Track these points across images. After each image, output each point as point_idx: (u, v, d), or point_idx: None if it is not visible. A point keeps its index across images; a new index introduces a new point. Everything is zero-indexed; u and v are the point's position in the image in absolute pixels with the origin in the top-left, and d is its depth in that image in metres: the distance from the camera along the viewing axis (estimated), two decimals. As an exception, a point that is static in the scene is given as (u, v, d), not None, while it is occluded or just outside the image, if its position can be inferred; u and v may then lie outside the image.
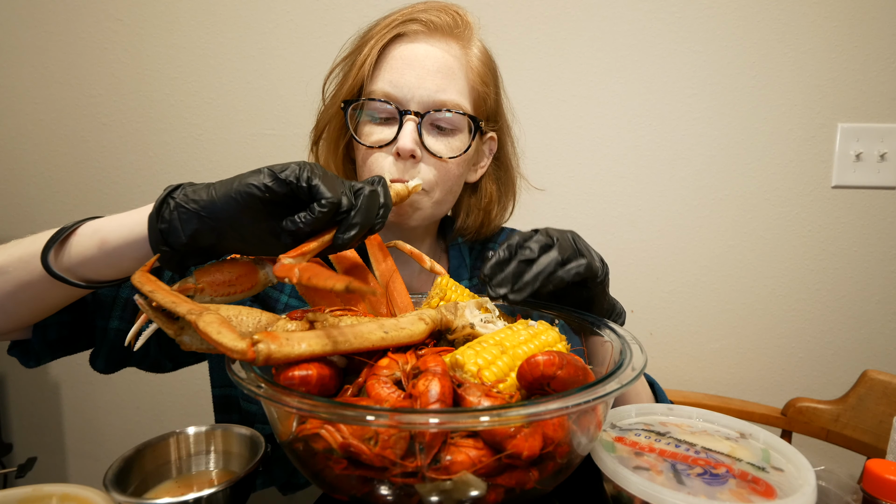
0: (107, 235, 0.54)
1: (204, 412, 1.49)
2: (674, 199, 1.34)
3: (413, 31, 0.72)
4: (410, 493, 0.42)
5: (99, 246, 0.54)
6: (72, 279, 0.54)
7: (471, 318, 0.56)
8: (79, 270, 0.55)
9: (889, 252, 1.31)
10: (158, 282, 0.47)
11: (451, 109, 0.71)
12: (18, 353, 0.66)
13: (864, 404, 1.01)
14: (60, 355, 0.68)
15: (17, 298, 0.56)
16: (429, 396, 0.41)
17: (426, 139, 0.71)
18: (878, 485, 0.50)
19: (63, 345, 0.67)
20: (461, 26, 0.74)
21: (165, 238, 0.49)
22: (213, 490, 0.48)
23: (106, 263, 0.54)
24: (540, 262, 0.56)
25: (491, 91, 0.78)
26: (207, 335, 0.40)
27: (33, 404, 1.52)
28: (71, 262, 0.54)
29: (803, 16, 1.24)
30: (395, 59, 0.71)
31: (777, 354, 1.38)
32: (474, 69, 0.75)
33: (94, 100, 1.36)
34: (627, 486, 0.48)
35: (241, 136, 1.37)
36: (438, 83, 0.71)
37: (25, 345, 0.65)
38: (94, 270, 0.55)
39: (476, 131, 0.75)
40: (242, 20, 1.32)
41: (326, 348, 0.43)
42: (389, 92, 0.71)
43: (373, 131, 0.72)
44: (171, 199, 0.49)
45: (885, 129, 1.26)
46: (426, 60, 0.71)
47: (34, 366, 0.67)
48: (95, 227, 0.55)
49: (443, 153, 0.72)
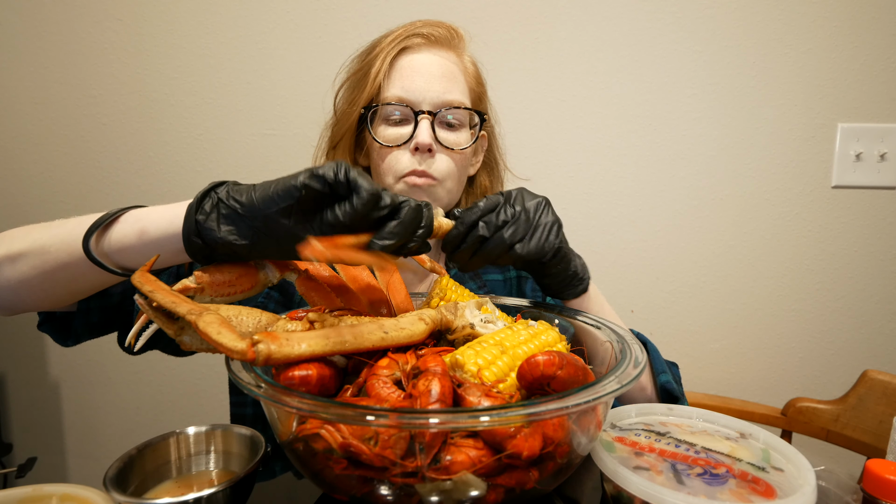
0: (147, 225, 0.55)
1: (204, 412, 1.49)
2: (674, 199, 1.34)
3: (416, 43, 0.82)
4: (410, 493, 0.42)
5: (139, 235, 0.55)
6: (109, 265, 0.56)
7: (471, 319, 0.56)
8: (116, 257, 0.57)
9: (889, 252, 1.31)
10: (158, 282, 0.47)
11: (458, 107, 0.80)
12: (51, 331, 0.69)
13: (864, 404, 1.01)
14: (97, 336, 0.71)
15: (56, 278, 0.59)
16: (429, 396, 0.41)
17: (439, 134, 0.80)
18: (878, 485, 0.50)
19: (103, 326, 0.70)
20: (456, 38, 0.86)
21: (199, 230, 0.51)
22: (213, 490, 0.48)
23: (143, 253, 0.56)
24: (493, 240, 0.60)
25: (483, 91, 0.89)
26: (207, 335, 0.40)
27: (33, 404, 1.52)
28: (111, 248, 0.56)
29: (803, 16, 1.24)
30: (404, 68, 0.80)
31: (777, 354, 1.38)
32: (470, 73, 0.86)
33: (94, 100, 1.36)
34: (627, 486, 0.48)
35: (241, 136, 1.37)
36: (444, 86, 0.80)
37: (58, 322, 0.69)
38: (131, 259, 0.57)
39: (480, 123, 0.84)
40: (242, 20, 1.32)
41: (326, 349, 0.43)
42: (403, 96, 0.79)
43: (390, 131, 0.80)
44: (214, 192, 0.51)
45: (885, 129, 1.26)
46: (431, 67, 0.80)
47: (72, 345, 0.70)
48: (137, 217, 0.56)
49: (454, 145, 0.81)
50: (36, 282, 0.59)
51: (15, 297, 0.61)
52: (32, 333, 1.45)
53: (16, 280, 0.59)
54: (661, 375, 0.74)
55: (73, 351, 1.47)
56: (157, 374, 1.48)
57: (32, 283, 0.59)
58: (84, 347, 1.45)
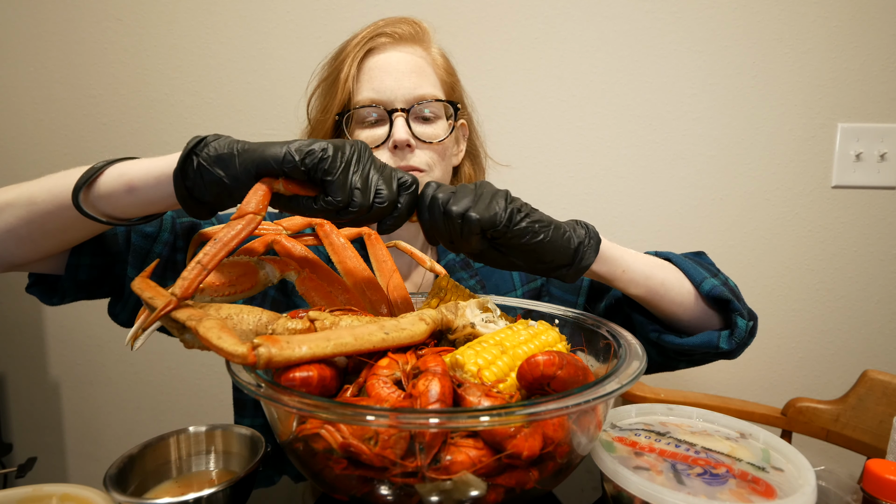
0: (133, 178, 0.56)
1: (204, 412, 1.49)
2: (674, 199, 1.34)
3: (382, 43, 0.82)
4: (410, 493, 0.42)
5: (125, 187, 0.56)
6: (97, 215, 0.57)
7: (471, 318, 0.56)
8: (103, 206, 0.58)
9: (889, 252, 1.31)
10: (158, 288, 0.47)
11: (430, 99, 0.81)
12: (39, 292, 0.69)
13: (864, 404, 1.01)
14: (83, 297, 0.71)
15: (45, 228, 0.60)
16: (429, 396, 0.41)
17: (415, 129, 0.80)
18: (878, 485, 0.50)
19: (90, 286, 0.70)
20: (421, 32, 0.85)
21: (191, 193, 0.52)
22: (213, 490, 0.48)
23: (130, 203, 0.57)
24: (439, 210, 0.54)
25: (455, 81, 0.89)
26: (208, 340, 0.40)
27: (33, 404, 1.51)
28: (97, 199, 0.57)
29: (803, 16, 1.24)
30: (372, 69, 0.81)
31: (777, 354, 1.37)
32: (439, 65, 0.86)
33: (94, 100, 1.36)
34: (627, 486, 0.48)
35: (241, 136, 1.33)
36: (414, 81, 0.80)
37: (47, 283, 0.69)
38: (118, 209, 0.58)
39: (455, 113, 0.84)
40: (242, 20, 1.32)
41: (328, 350, 0.43)
42: (375, 97, 0.79)
43: (366, 134, 0.80)
44: (194, 155, 0.51)
45: (885, 129, 1.26)
46: (399, 65, 0.81)
47: (57, 303, 0.70)
48: (121, 171, 0.57)
49: (432, 138, 0.81)
50: (24, 231, 0.60)
51: (2, 248, 0.61)
52: (32, 333, 1.45)
53: (2, 230, 0.60)
54: (703, 284, 0.67)
55: (73, 351, 1.47)
56: (157, 374, 1.48)
57: (20, 232, 0.60)
58: (84, 347, 1.46)
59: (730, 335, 0.67)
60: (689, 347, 0.68)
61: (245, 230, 0.47)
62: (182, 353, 1.42)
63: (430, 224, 0.53)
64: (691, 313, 0.69)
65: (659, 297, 0.67)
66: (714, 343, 0.67)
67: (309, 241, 0.64)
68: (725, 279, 0.71)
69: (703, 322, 0.70)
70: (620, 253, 0.65)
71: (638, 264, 0.66)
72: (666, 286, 0.67)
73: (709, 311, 0.69)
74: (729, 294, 0.66)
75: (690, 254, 0.77)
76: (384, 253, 0.67)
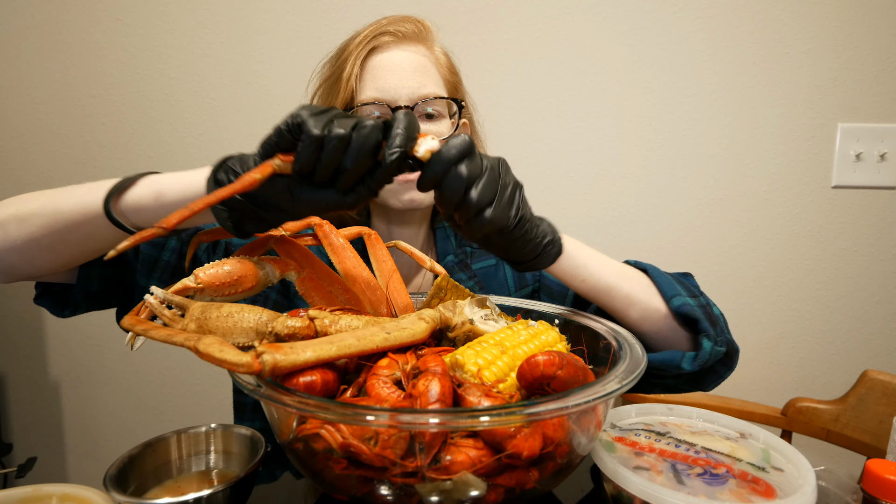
0: (163, 189, 0.56)
1: (204, 412, 1.49)
2: (674, 200, 1.34)
3: (385, 42, 0.81)
4: (410, 493, 0.42)
5: (155, 198, 0.56)
6: (126, 225, 0.57)
7: (470, 315, 0.56)
8: (132, 217, 0.57)
9: (889, 252, 1.31)
10: (149, 322, 0.47)
11: (435, 97, 0.80)
12: (49, 303, 0.69)
13: (864, 404, 1.01)
14: (94, 308, 0.71)
15: (67, 238, 0.59)
16: (429, 396, 0.41)
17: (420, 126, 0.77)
18: (878, 485, 0.50)
19: (101, 297, 0.70)
20: (424, 31, 0.84)
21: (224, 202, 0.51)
22: (213, 490, 0.48)
23: (160, 214, 0.56)
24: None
25: (458, 80, 0.89)
26: (210, 356, 0.40)
27: (33, 404, 1.51)
28: (127, 208, 0.57)
29: (803, 16, 1.24)
30: (375, 68, 0.79)
31: (777, 354, 1.38)
32: (442, 63, 0.86)
33: (94, 100, 1.36)
34: (627, 486, 0.48)
35: (241, 136, 1.36)
36: (418, 80, 0.79)
37: (57, 294, 0.69)
38: (146, 220, 0.58)
39: (459, 111, 0.84)
40: (242, 20, 1.32)
41: (332, 353, 0.43)
42: (378, 96, 0.78)
43: None
44: (222, 172, 0.52)
45: (885, 129, 1.26)
46: (403, 63, 0.80)
47: (69, 315, 0.70)
48: (153, 181, 0.57)
49: (436, 135, 0.79)
50: (46, 241, 0.59)
51: (20, 257, 0.61)
52: (32, 333, 1.45)
53: (24, 239, 0.59)
54: (674, 300, 0.64)
55: (73, 351, 1.47)
56: (157, 374, 1.48)
57: (42, 241, 0.59)
58: (84, 347, 1.46)
59: (694, 357, 0.62)
60: (651, 364, 0.63)
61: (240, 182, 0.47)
62: (182, 354, 1.42)
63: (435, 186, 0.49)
64: (657, 329, 0.66)
65: (620, 310, 0.66)
66: (676, 362, 0.63)
67: (308, 241, 0.64)
68: (707, 303, 0.66)
69: (671, 341, 0.67)
70: (586, 261, 0.64)
71: (604, 275, 0.64)
72: (631, 299, 0.65)
73: (678, 330, 0.66)
74: (700, 313, 0.63)
75: (677, 274, 0.74)
76: (384, 253, 0.67)
